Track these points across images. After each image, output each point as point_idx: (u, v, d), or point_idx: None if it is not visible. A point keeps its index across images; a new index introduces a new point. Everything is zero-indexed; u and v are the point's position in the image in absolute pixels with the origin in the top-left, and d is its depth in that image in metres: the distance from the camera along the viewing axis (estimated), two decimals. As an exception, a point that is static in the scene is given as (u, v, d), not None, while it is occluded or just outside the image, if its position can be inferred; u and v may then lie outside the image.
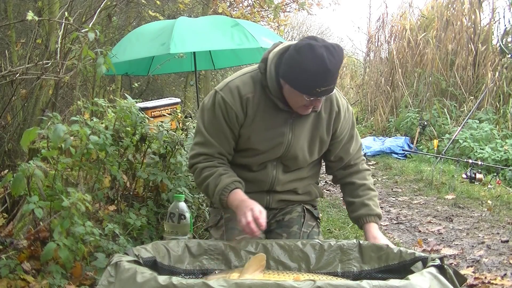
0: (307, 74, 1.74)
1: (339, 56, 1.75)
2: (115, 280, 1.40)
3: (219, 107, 1.92)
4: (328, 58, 1.71)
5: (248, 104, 1.91)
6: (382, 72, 10.59)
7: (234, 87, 1.91)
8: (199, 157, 1.96)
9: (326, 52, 1.71)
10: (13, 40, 3.86)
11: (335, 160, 2.11)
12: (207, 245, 1.83)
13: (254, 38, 4.39)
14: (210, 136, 1.94)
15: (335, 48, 1.75)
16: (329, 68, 1.71)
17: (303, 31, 27.48)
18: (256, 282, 1.30)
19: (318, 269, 1.79)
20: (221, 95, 1.92)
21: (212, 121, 1.93)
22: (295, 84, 1.79)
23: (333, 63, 1.72)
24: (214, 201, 1.97)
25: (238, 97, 1.90)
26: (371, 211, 2.05)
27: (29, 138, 2.07)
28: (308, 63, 1.73)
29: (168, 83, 10.47)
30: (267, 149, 1.97)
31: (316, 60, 1.71)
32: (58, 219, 2.02)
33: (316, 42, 1.74)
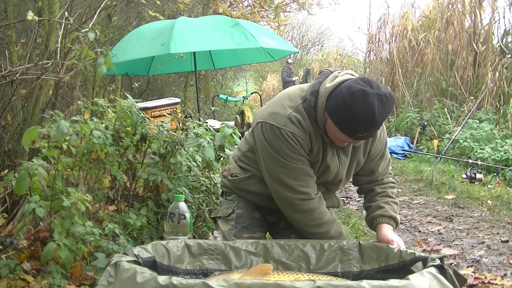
0: (354, 120, 1.74)
1: (389, 107, 1.75)
2: (115, 280, 1.40)
3: (292, 141, 1.87)
4: (378, 108, 1.70)
5: (311, 136, 1.91)
6: (382, 72, 10.59)
7: (297, 120, 1.89)
8: (307, 190, 1.94)
9: (378, 102, 1.70)
10: (13, 40, 3.86)
11: (363, 175, 2.17)
12: (207, 245, 1.83)
13: (254, 38, 4.40)
14: (302, 165, 1.92)
15: (387, 97, 1.73)
16: (377, 120, 1.72)
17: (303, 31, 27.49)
18: (256, 282, 1.30)
19: (318, 269, 1.80)
20: (288, 130, 1.87)
21: (292, 156, 1.89)
22: (340, 124, 1.79)
23: (381, 114, 1.72)
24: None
25: (303, 130, 1.89)
26: (385, 212, 2.06)
27: (31, 137, 2.07)
28: (357, 110, 1.71)
29: (168, 83, 10.47)
30: (319, 176, 2.01)
31: (366, 110, 1.70)
32: (58, 219, 2.02)
33: (370, 89, 1.71)
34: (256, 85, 29.22)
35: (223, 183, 2.25)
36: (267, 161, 1.94)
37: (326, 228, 1.97)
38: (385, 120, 1.79)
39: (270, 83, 24.53)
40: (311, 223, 1.97)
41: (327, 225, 1.98)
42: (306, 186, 1.93)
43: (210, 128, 3.29)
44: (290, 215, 2.01)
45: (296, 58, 22.91)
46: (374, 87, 1.72)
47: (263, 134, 1.91)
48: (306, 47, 27.38)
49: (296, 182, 1.92)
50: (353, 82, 1.75)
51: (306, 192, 1.93)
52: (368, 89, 1.70)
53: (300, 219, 1.99)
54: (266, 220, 2.17)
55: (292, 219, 2.02)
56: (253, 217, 2.12)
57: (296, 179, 1.91)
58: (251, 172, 2.09)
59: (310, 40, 28.11)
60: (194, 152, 2.88)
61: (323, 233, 1.97)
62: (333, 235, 1.98)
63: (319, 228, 1.97)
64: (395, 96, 1.84)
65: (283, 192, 1.94)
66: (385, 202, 2.09)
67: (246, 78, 29.11)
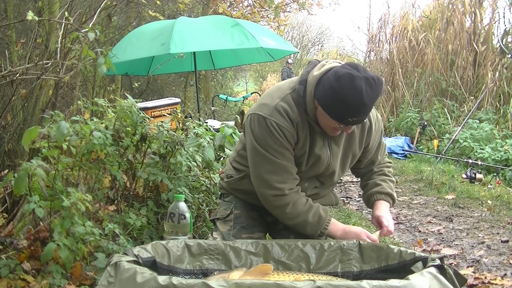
0: (343, 104, 1.74)
1: (377, 90, 1.74)
2: (115, 280, 1.40)
3: (276, 132, 1.87)
4: (366, 91, 1.70)
5: (298, 127, 1.90)
6: (382, 72, 10.59)
7: (283, 110, 1.88)
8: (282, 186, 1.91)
9: (366, 85, 1.71)
10: (13, 40, 3.86)
11: (364, 167, 2.19)
12: (207, 245, 1.83)
13: (254, 38, 4.40)
14: (282, 161, 1.90)
15: (375, 81, 1.73)
16: (365, 102, 1.72)
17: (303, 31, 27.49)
18: (256, 282, 1.30)
19: (318, 269, 1.79)
20: (273, 120, 1.87)
21: (275, 147, 1.88)
22: (329, 110, 1.79)
23: (370, 97, 1.72)
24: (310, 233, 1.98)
25: (289, 120, 1.88)
26: (382, 189, 2.08)
27: (31, 137, 2.07)
28: (345, 94, 1.72)
29: (168, 83, 10.47)
30: (309, 169, 1.99)
31: (354, 92, 1.70)
32: (58, 219, 2.02)
33: (357, 72, 1.72)
34: (256, 85, 29.22)
35: (221, 185, 2.26)
36: (251, 153, 1.95)
37: (303, 218, 1.94)
38: (374, 103, 1.78)
39: (270, 83, 24.52)
40: (287, 216, 1.96)
41: (302, 214, 1.94)
42: (282, 182, 1.91)
43: (210, 128, 3.30)
44: (270, 210, 2.03)
45: (296, 58, 22.92)
46: (361, 71, 1.73)
47: (251, 125, 1.92)
48: (306, 47, 27.38)
49: (274, 177, 1.90)
50: (340, 67, 1.77)
51: (280, 188, 1.91)
52: (355, 73, 1.71)
53: (278, 214, 2.00)
54: (264, 220, 2.17)
55: (272, 213, 2.03)
56: (251, 217, 2.12)
57: (275, 173, 1.90)
58: (245, 172, 2.09)
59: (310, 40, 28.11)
60: (194, 152, 2.88)
61: (302, 222, 1.94)
62: (312, 221, 1.94)
63: (296, 219, 1.95)
64: (382, 80, 1.80)
65: (260, 187, 1.95)
66: (382, 180, 2.11)
67: (246, 78, 29.11)
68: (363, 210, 4.72)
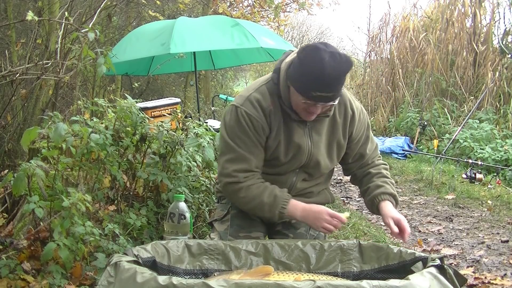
0: (305, 75, 1.74)
1: (342, 64, 1.71)
2: (114, 280, 1.40)
3: (244, 122, 1.89)
4: (329, 63, 1.68)
5: (270, 116, 1.90)
6: (383, 72, 10.59)
7: (254, 100, 1.90)
8: (237, 174, 1.91)
9: (330, 57, 1.69)
10: (13, 40, 3.86)
11: (353, 162, 2.13)
12: (207, 245, 1.83)
13: (254, 38, 4.40)
14: (243, 151, 1.90)
15: (341, 56, 1.72)
16: (327, 73, 1.69)
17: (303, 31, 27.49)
18: (256, 282, 1.30)
19: (318, 269, 1.79)
20: (243, 109, 1.89)
21: (240, 137, 1.90)
22: (294, 84, 1.80)
23: (333, 69, 1.69)
24: (269, 216, 1.95)
25: (260, 109, 1.89)
26: (386, 190, 2.03)
27: (30, 138, 2.07)
28: (307, 64, 1.72)
29: (168, 83, 10.47)
30: (290, 159, 1.97)
31: (316, 63, 1.70)
32: (58, 219, 2.02)
33: (324, 47, 1.73)
34: (256, 85, 29.14)
35: (217, 188, 2.25)
36: (219, 141, 2.02)
37: (258, 199, 1.91)
38: (340, 79, 1.74)
39: (270, 83, 24.49)
40: (242, 201, 1.95)
41: (257, 196, 1.91)
42: (240, 171, 1.91)
43: (210, 128, 3.29)
44: (227, 198, 2.07)
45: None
46: (328, 46, 1.73)
47: (225, 115, 1.98)
48: (306, 47, 27.34)
49: (233, 166, 1.91)
50: (312, 44, 1.78)
51: (235, 176, 1.91)
52: (321, 46, 1.72)
53: (234, 200, 2.00)
54: (262, 220, 2.14)
55: (231, 201, 2.06)
56: (249, 217, 2.09)
57: (235, 162, 1.91)
58: None
59: (310, 40, 28.07)
60: (194, 152, 2.88)
61: (258, 205, 1.92)
62: (267, 201, 1.90)
63: (252, 203, 1.93)
64: (352, 60, 1.79)
65: (220, 175, 1.99)
66: (384, 182, 2.06)
67: (246, 78, 29.10)
68: (363, 210, 4.72)
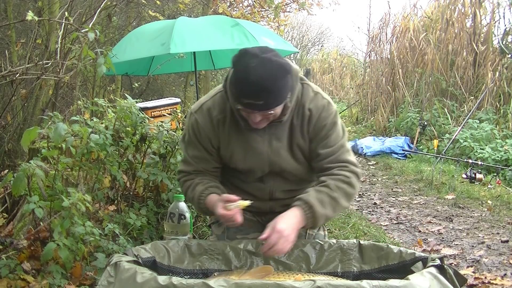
0: (234, 82, 1.71)
1: (271, 72, 1.62)
2: (114, 280, 1.41)
3: (192, 129, 1.92)
4: (255, 70, 1.62)
5: (219, 126, 1.88)
6: (383, 72, 10.59)
7: (206, 109, 1.90)
8: (180, 174, 2.02)
9: (258, 64, 1.62)
10: (13, 40, 3.86)
11: (312, 162, 1.93)
12: (207, 245, 1.83)
13: (254, 38, 4.39)
14: (189, 156, 1.96)
15: (273, 63, 1.63)
16: (251, 81, 1.62)
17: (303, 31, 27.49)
18: (256, 282, 1.30)
19: (318, 269, 1.80)
20: (195, 117, 1.91)
21: (189, 142, 1.95)
22: (228, 91, 1.79)
23: (258, 77, 1.62)
24: (198, 210, 2.01)
25: (209, 119, 1.88)
26: (305, 196, 1.77)
27: (30, 138, 2.07)
28: (236, 71, 1.70)
29: (168, 83, 10.46)
30: (252, 168, 1.93)
31: (241, 70, 1.67)
32: (58, 219, 2.02)
33: (257, 52, 1.65)
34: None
35: None
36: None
37: (188, 196, 1.95)
38: (268, 88, 1.62)
39: (270, 83, 24.49)
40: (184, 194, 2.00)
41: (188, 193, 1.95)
42: (186, 172, 1.97)
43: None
44: None
45: (296, 58, 22.91)
46: (265, 52, 1.65)
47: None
48: (306, 47, 27.36)
49: (182, 167, 1.99)
50: (249, 48, 1.72)
51: (181, 175, 2.00)
52: (253, 51, 1.65)
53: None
54: (258, 221, 2.11)
55: None
56: (245, 218, 2.08)
57: (184, 163, 1.99)
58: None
59: (310, 40, 28.09)
60: (194, 152, 2.88)
61: (190, 200, 1.96)
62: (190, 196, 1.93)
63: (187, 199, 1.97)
64: (289, 67, 1.66)
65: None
66: (317, 190, 1.79)
67: (246, 78, 29.04)
68: (363, 210, 4.72)
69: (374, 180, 6.24)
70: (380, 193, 5.49)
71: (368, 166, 7.24)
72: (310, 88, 1.89)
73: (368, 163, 7.48)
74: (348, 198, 1.82)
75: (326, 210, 1.76)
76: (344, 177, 1.81)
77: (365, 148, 8.04)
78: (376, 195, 5.39)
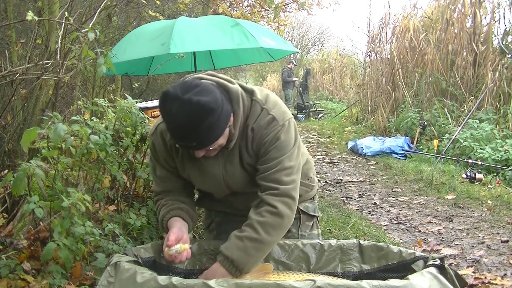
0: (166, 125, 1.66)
1: (193, 116, 1.55)
2: (115, 280, 1.41)
3: (151, 151, 1.90)
4: (177, 116, 1.55)
5: (173, 149, 1.84)
6: (383, 72, 10.59)
7: (160, 132, 1.85)
8: (153, 193, 2.04)
9: (179, 108, 1.55)
10: (13, 40, 3.86)
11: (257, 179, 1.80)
12: (207, 245, 1.83)
13: (254, 38, 4.39)
14: (156, 176, 1.92)
15: (192, 104, 1.54)
16: (176, 128, 1.59)
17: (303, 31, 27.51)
18: (256, 282, 1.30)
19: (318, 269, 1.80)
20: (152, 139, 1.89)
21: (153, 163, 1.93)
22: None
23: (182, 124, 1.56)
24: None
25: (163, 142, 1.84)
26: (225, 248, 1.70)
27: (30, 138, 2.07)
28: (162, 116, 1.66)
29: (168, 83, 10.46)
30: (212, 189, 1.92)
31: (165, 116, 1.61)
32: (58, 219, 2.02)
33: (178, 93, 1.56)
34: (256, 85, 29.16)
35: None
36: None
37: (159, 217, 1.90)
38: (195, 130, 1.56)
39: (270, 83, 24.54)
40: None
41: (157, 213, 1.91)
42: (155, 187, 1.95)
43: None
44: None
45: (296, 58, 22.92)
46: (184, 91, 1.56)
47: None
48: (306, 47, 27.39)
49: (153, 187, 1.98)
50: (171, 87, 1.63)
51: (154, 191, 1.97)
52: (173, 93, 1.57)
53: None
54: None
55: None
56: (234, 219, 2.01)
57: (155, 182, 1.96)
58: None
59: (310, 40, 28.12)
60: (194, 152, 2.88)
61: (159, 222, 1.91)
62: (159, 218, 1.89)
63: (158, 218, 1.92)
64: (214, 102, 1.57)
65: None
66: (238, 237, 1.70)
67: (246, 78, 29.11)
68: (363, 210, 4.72)
69: (374, 180, 6.24)
70: (380, 193, 5.49)
71: (368, 166, 7.24)
72: (258, 105, 1.77)
73: (368, 163, 7.48)
74: (277, 230, 1.71)
75: (251, 257, 1.67)
76: (271, 207, 1.70)
77: (365, 148, 8.04)
78: (376, 195, 5.39)
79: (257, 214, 1.71)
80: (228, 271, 1.65)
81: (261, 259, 1.73)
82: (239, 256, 1.66)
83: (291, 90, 15.35)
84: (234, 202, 1.96)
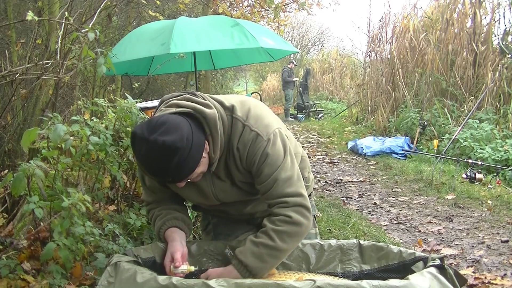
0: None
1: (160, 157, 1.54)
2: (115, 280, 1.41)
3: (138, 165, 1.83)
4: (146, 158, 1.56)
5: None
6: (383, 72, 10.59)
7: None
8: (144, 203, 2.04)
9: (147, 150, 1.54)
10: (13, 40, 3.86)
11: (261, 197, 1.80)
12: (206, 245, 1.83)
13: (254, 38, 4.39)
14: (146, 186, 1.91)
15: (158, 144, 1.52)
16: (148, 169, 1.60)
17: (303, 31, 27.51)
18: (256, 282, 1.30)
19: (318, 269, 1.80)
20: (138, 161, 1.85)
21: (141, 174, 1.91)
22: None
23: (151, 165, 1.57)
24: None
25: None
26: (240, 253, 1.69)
27: (30, 138, 2.07)
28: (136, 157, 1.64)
29: (168, 83, 10.47)
30: (203, 203, 1.92)
31: (136, 157, 1.61)
32: (58, 219, 2.02)
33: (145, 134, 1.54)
34: (256, 85, 29.23)
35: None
36: None
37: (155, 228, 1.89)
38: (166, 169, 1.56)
39: (270, 83, 24.54)
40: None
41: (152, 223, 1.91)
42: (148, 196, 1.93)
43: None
44: None
45: (296, 58, 22.93)
46: (150, 131, 1.54)
47: None
48: (306, 47, 27.39)
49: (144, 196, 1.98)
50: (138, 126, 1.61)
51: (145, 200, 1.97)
52: (139, 134, 1.55)
53: None
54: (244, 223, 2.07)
55: None
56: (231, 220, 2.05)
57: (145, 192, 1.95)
58: None
59: (310, 40, 28.13)
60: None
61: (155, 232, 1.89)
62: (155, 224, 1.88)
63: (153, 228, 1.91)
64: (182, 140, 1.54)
65: None
66: (254, 242, 1.68)
67: (246, 78, 29.12)
68: (363, 210, 4.72)
69: (374, 180, 6.24)
70: (380, 193, 5.49)
71: (368, 166, 7.24)
72: (239, 122, 1.72)
73: (368, 163, 7.48)
74: (293, 237, 1.68)
75: (265, 263, 1.66)
76: (285, 217, 1.67)
77: (365, 148, 8.04)
78: (376, 195, 5.39)
79: (271, 223, 1.68)
80: (242, 275, 1.64)
81: (276, 266, 1.72)
82: (253, 261, 1.64)
83: (291, 90, 15.36)
84: (226, 210, 1.97)
